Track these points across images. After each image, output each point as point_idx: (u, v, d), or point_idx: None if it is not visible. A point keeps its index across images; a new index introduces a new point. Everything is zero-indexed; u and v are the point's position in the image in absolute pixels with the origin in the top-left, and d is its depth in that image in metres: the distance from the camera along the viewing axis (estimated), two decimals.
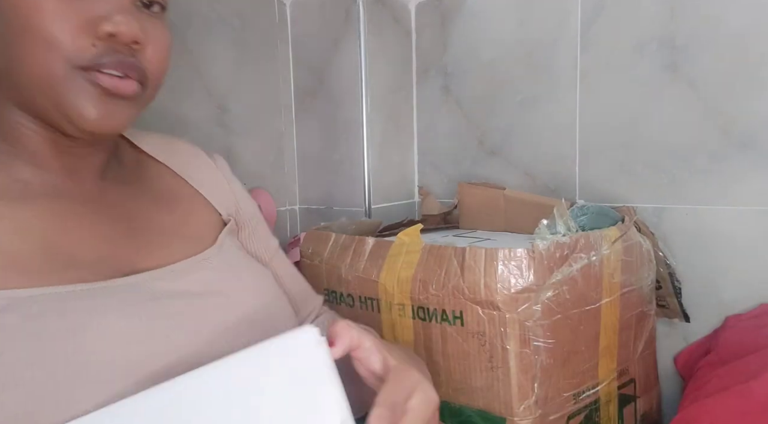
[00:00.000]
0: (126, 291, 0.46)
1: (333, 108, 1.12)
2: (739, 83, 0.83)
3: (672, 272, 0.88)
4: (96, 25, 0.44)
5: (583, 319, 0.70)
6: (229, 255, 0.56)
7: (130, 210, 0.54)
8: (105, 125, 0.47)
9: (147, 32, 0.48)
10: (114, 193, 0.54)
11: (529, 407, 0.65)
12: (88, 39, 0.45)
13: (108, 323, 0.43)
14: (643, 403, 0.84)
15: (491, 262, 0.64)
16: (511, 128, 1.05)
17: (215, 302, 0.50)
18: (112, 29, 0.45)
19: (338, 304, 0.80)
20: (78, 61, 0.44)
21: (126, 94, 0.47)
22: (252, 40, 1.09)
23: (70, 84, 0.45)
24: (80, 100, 0.45)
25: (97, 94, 0.46)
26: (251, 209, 0.68)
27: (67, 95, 0.45)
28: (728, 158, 0.85)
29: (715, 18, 0.84)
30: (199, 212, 0.60)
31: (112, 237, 0.50)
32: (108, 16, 0.45)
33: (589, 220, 0.76)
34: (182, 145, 0.65)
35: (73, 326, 0.42)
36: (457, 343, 0.67)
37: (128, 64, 0.46)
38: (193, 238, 0.56)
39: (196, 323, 0.48)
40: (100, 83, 0.45)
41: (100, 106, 0.46)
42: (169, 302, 0.48)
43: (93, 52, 0.45)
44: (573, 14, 0.96)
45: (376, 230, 0.95)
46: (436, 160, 1.17)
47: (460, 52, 1.11)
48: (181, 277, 0.51)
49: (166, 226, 0.55)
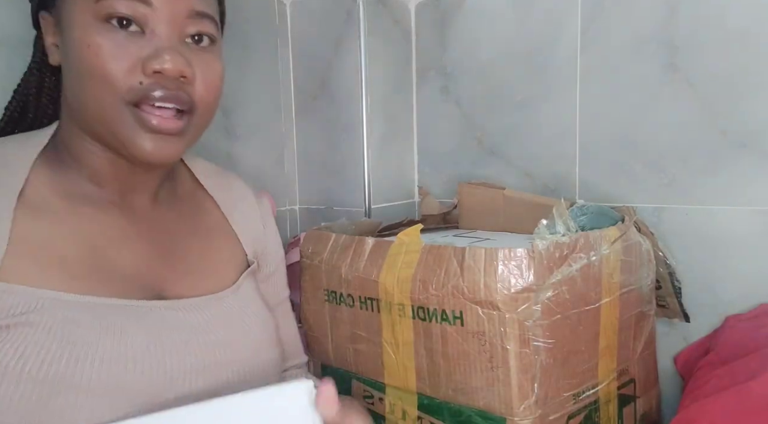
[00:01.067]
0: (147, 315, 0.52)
1: (333, 108, 1.12)
2: (739, 83, 0.83)
3: (672, 272, 0.88)
4: (146, 63, 0.49)
5: (582, 319, 0.70)
6: (242, 298, 0.61)
7: (171, 235, 0.59)
8: (157, 157, 0.52)
9: (195, 66, 0.52)
10: (161, 216, 0.60)
11: (529, 407, 0.65)
12: (137, 77, 0.50)
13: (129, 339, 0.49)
14: (643, 403, 0.84)
15: (491, 262, 0.64)
16: (511, 128, 1.05)
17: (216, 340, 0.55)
18: (158, 67, 0.49)
19: (338, 304, 0.80)
20: (128, 97, 0.50)
21: (172, 131, 0.52)
22: (252, 41, 1.09)
23: (122, 122, 0.50)
24: (133, 134, 0.51)
25: (147, 133, 0.51)
26: (277, 256, 0.72)
27: (121, 132, 0.51)
28: (728, 158, 0.85)
29: (715, 18, 0.84)
30: (229, 249, 0.65)
31: (150, 257, 0.56)
32: (156, 54, 0.50)
33: (588, 220, 0.76)
34: (235, 182, 0.70)
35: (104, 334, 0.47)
36: (457, 343, 0.67)
37: (174, 97, 0.51)
38: (216, 274, 0.61)
39: (197, 359, 0.52)
40: (147, 123, 0.50)
41: (152, 142, 0.51)
42: (177, 333, 0.52)
43: (141, 88, 0.50)
44: (572, 14, 0.96)
45: (376, 230, 0.95)
46: (435, 160, 1.17)
47: (459, 52, 1.11)
48: (194, 310, 0.55)
49: (196, 257, 0.60)
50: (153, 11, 0.50)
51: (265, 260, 0.70)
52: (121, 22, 0.50)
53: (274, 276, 0.72)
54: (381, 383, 0.77)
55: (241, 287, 0.62)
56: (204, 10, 0.53)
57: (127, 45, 0.49)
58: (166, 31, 0.51)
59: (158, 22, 0.51)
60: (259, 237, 0.69)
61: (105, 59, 0.49)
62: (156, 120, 0.51)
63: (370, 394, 0.79)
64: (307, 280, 0.85)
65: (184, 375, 0.51)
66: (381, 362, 0.76)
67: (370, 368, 0.78)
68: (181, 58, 0.51)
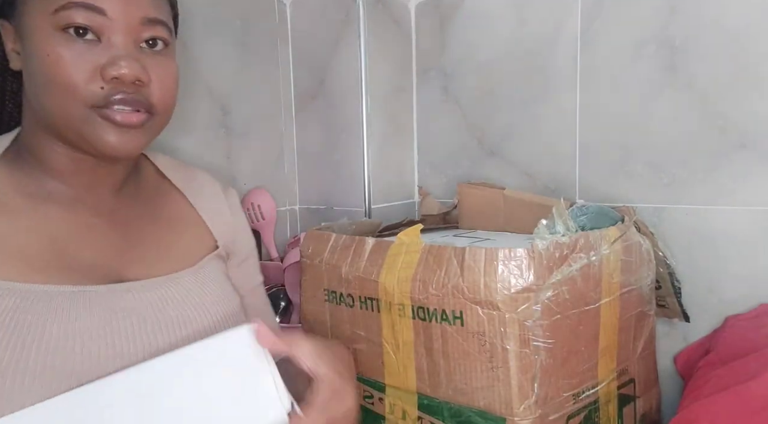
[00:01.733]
0: (99, 298, 0.54)
1: (333, 108, 1.12)
2: (739, 83, 0.83)
3: (672, 272, 0.88)
4: (104, 70, 0.52)
5: (582, 319, 0.70)
6: (203, 278, 0.63)
7: (133, 224, 0.62)
8: (122, 150, 0.55)
9: (150, 70, 0.55)
10: (123, 209, 0.62)
11: (529, 407, 0.65)
12: (98, 83, 0.53)
13: (78, 323, 0.51)
14: (643, 403, 0.84)
15: (491, 262, 0.64)
16: (511, 128, 1.05)
17: (170, 319, 0.57)
18: (116, 73, 0.52)
19: (338, 304, 0.80)
20: (91, 102, 0.53)
21: (134, 124, 0.55)
22: (252, 41, 1.09)
23: (88, 121, 0.53)
24: (99, 133, 0.54)
25: (111, 127, 0.54)
26: (248, 244, 0.75)
27: (87, 130, 0.53)
28: (728, 158, 0.85)
29: (715, 18, 0.84)
30: (196, 237, 0.67)
31: (111, 247, 0.59)
32: (113, 61, 0.53)
33: (588, 220, 0.76)
34: (202, 176, 0.73)
35: (52, 319, 0.50)
36: (457, 343, 0.67)
37: (133, 100, 0.54)
38: (180, 258, 0.63)
39: (150, 339, 0.54)
40: (111, 119, 0.53)
41: (116, 136, 0.54)
42: (129, 312, 0.55)
43: (102, 93, 0.53)
44: (572, 14, 0.96)
45: (376, 230, 0.95)
46: (435, 160, 1.17)
47: (459, 52, 1.11)
48: (149, 290, 0.57)
49: (160, 244, 0.63)
50: (108, 21, 0.53)
51: (236, 248, 0.72)
52: (78, 31, 0.52)
53: (245, 263, 0.74)
54: (381, 383, 0.77)
55: (204, 268, 0.64)
56: (157, 17, 0.56)
57: (85, 53, 0.52)
58: (121, 39, 0.54)
59: (114, 31, 0.53)
60: (228, 226, 0.71)
61: (65, 68, 0.52)
62: (119, 116, 0.54)
63: (370, 394, 0.79)
64: (307, 280, 0.85)
65: (136, 357, 0.53)
66: (381, 362, 0.76)
67: (370, 368, 0.78)
68: (137, 64, 0.54)
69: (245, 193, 1.10)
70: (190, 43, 0.98)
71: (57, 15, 0.52)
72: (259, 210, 1.09)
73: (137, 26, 0.55)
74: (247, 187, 1.10)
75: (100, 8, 0.52)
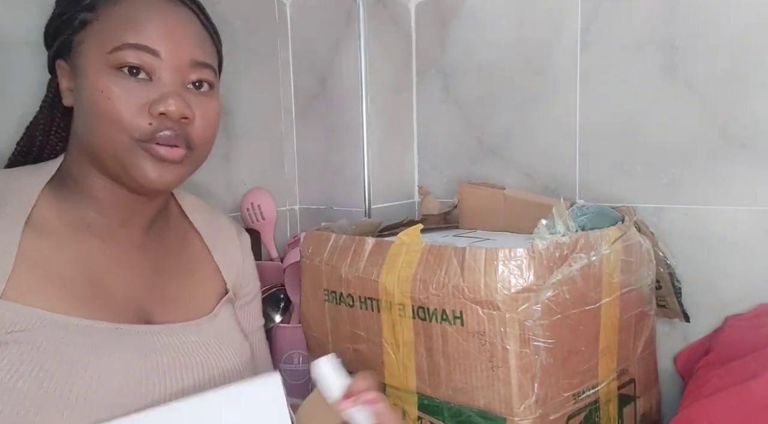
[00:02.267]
0: (133, 338, 0.56)
1: (333, 108, 1.12)
2: (738, 83, 0.83)
3: (672, 272, 0.88)
4: (152, 106, 0.56)
5: (582, 319, 0.70)
6: (219, 325, 0.66)
7: (159, 265, 0.65)
8: (161, 183, 0.58)
9: (195, 108, 0.59)
10: (152, 247, 0.65)
11: (529, 407, 0.65)
12: (146, 118, 0.56)
13: (114, 359, 0.53)
14: (643, 403, 0.84)
15: (491, 262, 0.64)
16: (511, 128, 1.05)
17: (194, 363, 0.59)
18: (163, 110, 0.56)
19: (338, 304, 0.80)
20: (137, 136, 0.56)
21: (175, 159, 0.58)
22: (252, 41, 1.09)
23: (131, 153, 0.56)
24: (141, 165, 0.57)
25: (153, 161, 0.57)
26: (254, 288, 0.79)
27: (130, 162, 0.56)
28: (728, 158, 0.85)
29: (714, 19, 0.84)
30: (210, 281, 0.71)
31: (140, 285, 0.61)
32: (162, 99, 0.56)
33: (588, 220, 0.76)
34: (222, 219, 0.77)
35: (92, 354, 0.52)
36: (458, 343, 0.67)
37: (177, 137, 0.57)
38: (197, 302, 0.67)
39: (175, 380, 0.57)
40: (154, 152, 0.56)
41: (156, 170, 0.57)
42: (159, 353, 0.57)
43: (149, 128, 0.56)
44: (572, 15, 0.96)
45: (376, 230, 0.95)
46: (435, 160, 1.17)
47: (459, 52, 1.11)
48: (174, 334, 0.60)
49: (180, 286, 0.66)
50: (160, 61, 0.57)
51: (243, 291, 0.76)
52: (131, 70, 0.56)
53: (250, 305, 0.77)
54: (381, 384, 0.77)
55: (219, 314, 0.67)
56: (204, 60, 0.60)
57: (136, 90, 0.56)
58: (170, 78, 0.57)
59: (164, 71, 0.57)
60: (239, 270, 0.75)
61: (116, 102, 0.55)
62: (163, 150, 0.57)
63: None
64: (307, 280, 0.85)
65: (162, 395, 0.55)
66: (381, 362, 0.76)
67: (370, 368, 0.78)
68: (183, 102, 0.57)
69: (245, 193, 1.10)
70: None
71: (112, 55, 0.55)
72: (259, 210, 1.09)
73: (186, 68, 0.58)
74: (247, 187, 1.10)
75: (154, 50, 0.56)
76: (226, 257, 0.73)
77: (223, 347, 0.63)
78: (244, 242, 0.78)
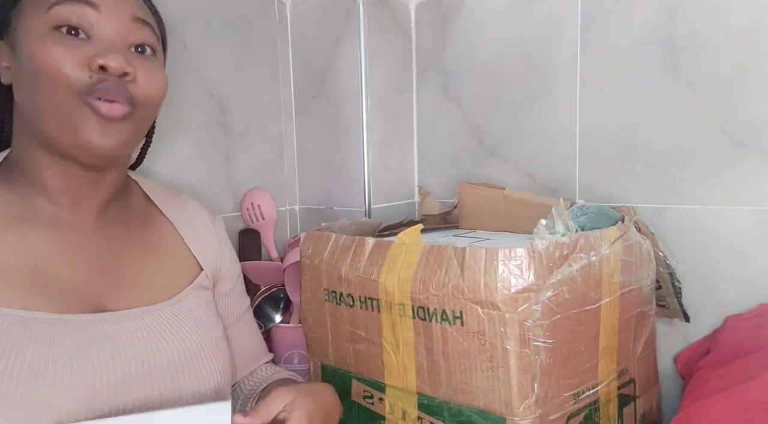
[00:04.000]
0: (77, 328, 0.54)
1: (333, 108, 1.12)
2: (739, 83, 0.83)
3: (672, 272, 0.88)
4: (92, 61, 0.55)
5: (582, 319, 0.70)
6: (181, 309, 0.64)
7: (117, 250, 0.62)
8: (106, 145, 0.56)
9: (138, 69, 0.57)
10: (108, 230, 0.63)
11: (529, 407, 0.65)
12: (86, 72, 0.55)
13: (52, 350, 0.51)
14: (643, 403, 0.84)
15: (491, 262, 0.64)
16: (511, 128, 1.05)
17: (146, 351, 0.57)
18: (102, 62, 0.54)
19: (338, 304, 0.80)
20: (78, 88, 0.54)
21: (116, 116, 0.56)
22: (252, 40, 1.09)
23: (74, 110, 0.54)
24: (84, 127, 0.55)
25: (96, 120, 0.55)
26: (235, 272, 0.78)
27: (72, 124, 0.55)
28: (728, 158, 0.85)
29: (715, 18, 0.84)
30: (179, 266, 0.68)
31: (92, 271, 0.59)
32: (102, 52, 0.55)
33: (588, 220, 0.76)
34: (191, 203, 0.75)
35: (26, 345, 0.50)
36: (457, 343, 0.67)
37: (117, 91, 0.56)
38: (159, 289, 0.64)
39: (124, 370, 0.55)
40: (96, 110, 0.55)
41: (99, 130, 0.55)
42: (104, 343, 0.55)
43: (89, 81, 0.55)
44: (572, 15, 0.96)
45: (376, 230, 0.95)
46: (436, 160, 1.17)
47: (459, 52, 1.11)
48: (126, 321, 0.58)
49: (142, 271, 0.63)
50: (99, 15, 0.56)
51: (223, 275, 0.74)
52: (70, 30, 0.55)
53: (232, 293, 0.76)
54: (381, 383, 0.77)
55: (184, 299, 0.64)
56: (144, 18, 0.60)
57: (75, 48, 0.55)
58: (111, 36, 0.57)
59: (104, 27, 0.56)
60: (217, 255, 0.73)
61: (57, 60, 0.54)
62: (105, 108, 0.55)
63: (370, 394, 0.79)
64: (307, 280, 0.85)
65: (110, 388, 0.53)
66: (381, 362, 0.76)
67: (370, 368, 0.78)
68: (124, 59, 0.56)
69: (245, 193, 1.10)
70: (190, 43, 0.98)
71: (51, 12, 0.54)
72: (259, 210, 1.09)
73: (127, 24, 0.58)
74: (246, 187, 1.10)
75: (94, 2, 0.55)
76: (201, 242, 0.71)
77: (181, 331, 0.61)
78: (219, 227, 0.77)
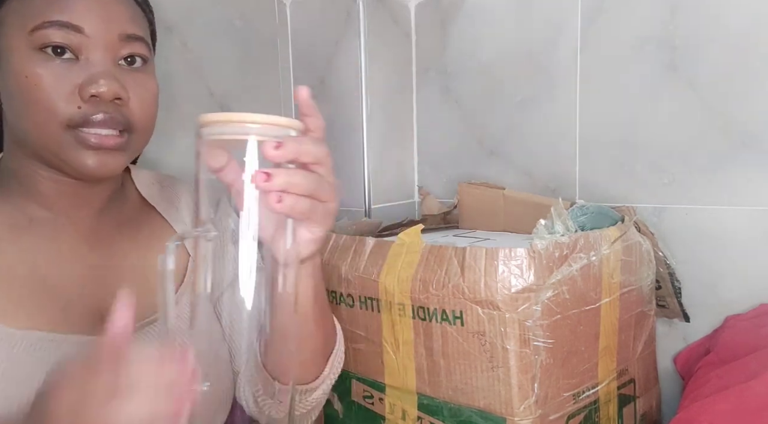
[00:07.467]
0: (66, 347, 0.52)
1: (333, 108, 1.12)
2: (739, 83, 0.83)
3: (672, 272, 0.88)
4: (82, 89, 0.52)
5: (582, 319, 0.70)
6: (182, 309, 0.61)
7: (115, 250, 0.61)
8: (102, 172, 0.54)
9: (129, 87, 0.54)
10: (106, 231, 0.61)
11: (529, 407, 0.65)
12: (76, 103, 0.52)
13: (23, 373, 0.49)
14: (643, 403, 0.84)
15: (491, 262, 0.64)
16: (511, 128, 1.05)
17: None
18: (94, 91, 0.51)
19: (338, 304, 0.80)
20: (69, 123, 0.52)
21: (110, 147, 0.53)
22: (252, 40, 1.09)
23: (65, 143, 0.52)
24: (75, 153, 0.53)
25: (86, 150, 0.53)
26: None
27: (64, 153, 0.53)
28: (728, 158, 0.85)
29: (715, 18, 0.84)
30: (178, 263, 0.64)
31: (91, 274, 0.58)
32: (92, 80, 0.52)
33: (588, 220, 0.76)
34: (177, 187, 0.71)
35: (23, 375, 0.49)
36: (458, 343, 0.67)
37: (112, 120, 0.53)
38: None
39: None
40: (86, 143, 0.52)
41: (95, 158, 0.53)
42: None
43: (79, 113, 0.52)
44: (572, 14, 0.96)
45: (376, 230, 0.95)
46: (436, 160, 1.17)
47: (459, 52, 1.11)
48: None
49: (138, 273, 0.61)
50: (86, 38, 0.52)
51: None
52: (56, 50, 0.52)
53: None
54: (381, 383, 0.77)
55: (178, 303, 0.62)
56: (135, 33, 0.55)
57: (63, 73, 0.52)
58: (99, 57, 0.53)
59: (91, 49, 0.53)
60: None
61: (43, 89, 0.51)
62: (95, 138, 0.52)
63: (370, 394, 0.79)
64: None
65: None
66: (381, 362, 0.76)
67: (370, 368, 0.78)
68: (116, 81, 0.53)
69: None
70: (190, 43, 0.98)
71: (34, 35, 0.51)
72: None
73: (115, 43, 0.54)
74: None
75: (77, 26, 0.52)
76: None
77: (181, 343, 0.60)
78: None
